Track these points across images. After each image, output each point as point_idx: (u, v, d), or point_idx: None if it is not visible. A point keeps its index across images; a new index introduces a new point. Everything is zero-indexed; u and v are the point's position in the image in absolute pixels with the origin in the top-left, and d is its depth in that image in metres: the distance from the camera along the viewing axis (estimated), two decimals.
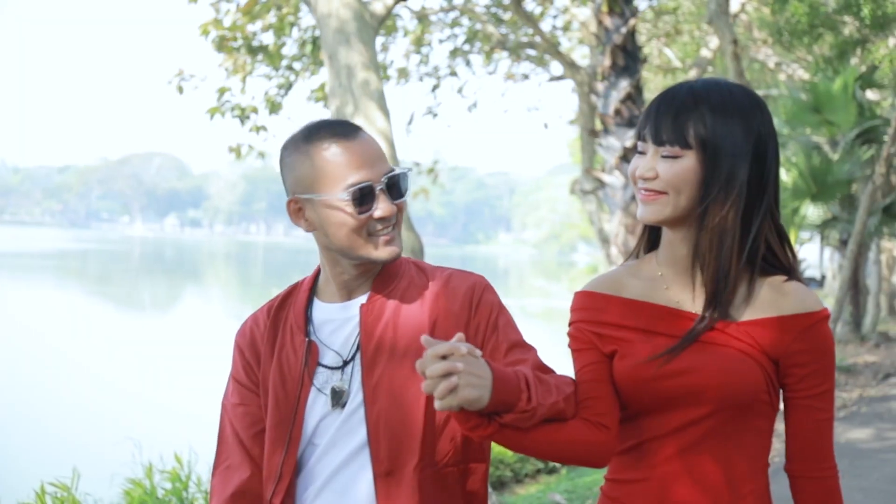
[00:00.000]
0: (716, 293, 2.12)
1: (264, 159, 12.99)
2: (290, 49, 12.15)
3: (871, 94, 19.47)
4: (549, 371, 2.23)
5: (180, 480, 6.88)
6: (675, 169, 2.08)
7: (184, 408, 14.21)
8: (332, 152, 2.25)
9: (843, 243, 18.64)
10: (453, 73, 15.00)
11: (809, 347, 2.12)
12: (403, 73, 15.24)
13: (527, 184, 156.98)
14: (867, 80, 17.99)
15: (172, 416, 13.40)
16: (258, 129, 12.38)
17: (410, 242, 6.83)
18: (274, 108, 12.38)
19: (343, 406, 2.28)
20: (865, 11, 13.66)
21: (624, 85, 11.17)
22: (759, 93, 14.87)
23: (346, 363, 2.30)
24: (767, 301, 2.14)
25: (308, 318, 2.37)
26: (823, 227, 18.81)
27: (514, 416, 2.00)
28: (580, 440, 2.11)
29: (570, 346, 2.24)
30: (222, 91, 12.07)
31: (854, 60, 17.58)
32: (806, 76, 19.46)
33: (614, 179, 11.10)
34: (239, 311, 38.17)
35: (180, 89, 12.49)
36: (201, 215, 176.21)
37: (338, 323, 2.34)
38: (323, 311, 2.37)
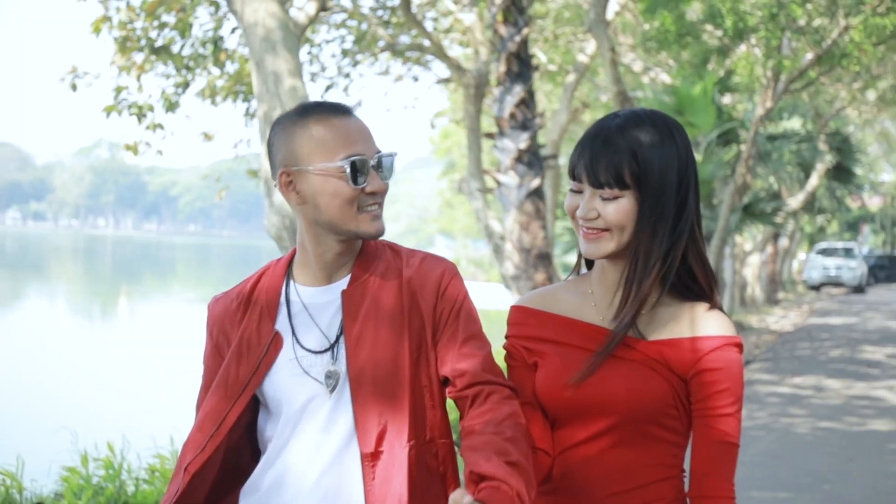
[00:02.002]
0: (634, 313, 2.21)
1: (161, 156, 13.09)
2: (186, 49, 12.26)
3: (726, 99, 20.64)
4: (498, 372, 2.31)
5: (113, 468, 7.16)
6: (615, 209, 2.17)
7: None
8: (329, 125, 2.29)
9: (706, 239, 19.73)
10: (346, 76, 15.27)
11: (716, 368, 2.18)
12: None
13: None
14: (724, 85, 19.07)
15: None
16: (155, 126, 12.46)
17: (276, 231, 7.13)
18: (171, 106, 12.49)
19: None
20: (728, 23, 14.63)
21: (518, 90, 11.74)
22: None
23: (331, 346, 2.32)
24: (685, 324, 2.22)
25: (288, 301, 2.38)
26: None
27: None
28: (540, 475, 2.24)
29: (505, 359, 2.35)
30: (119, 90, 12.12)
31: (711, 66, 18.62)
32: (668, 80, 20.48)
33: (509, 179, 11.67)
34: (87, 308, 37.17)
35: (74, 87, 12.49)
36: (45, 208, 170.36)
37: (319, 307, 2.35)
38: (303, 293, 2.37)
